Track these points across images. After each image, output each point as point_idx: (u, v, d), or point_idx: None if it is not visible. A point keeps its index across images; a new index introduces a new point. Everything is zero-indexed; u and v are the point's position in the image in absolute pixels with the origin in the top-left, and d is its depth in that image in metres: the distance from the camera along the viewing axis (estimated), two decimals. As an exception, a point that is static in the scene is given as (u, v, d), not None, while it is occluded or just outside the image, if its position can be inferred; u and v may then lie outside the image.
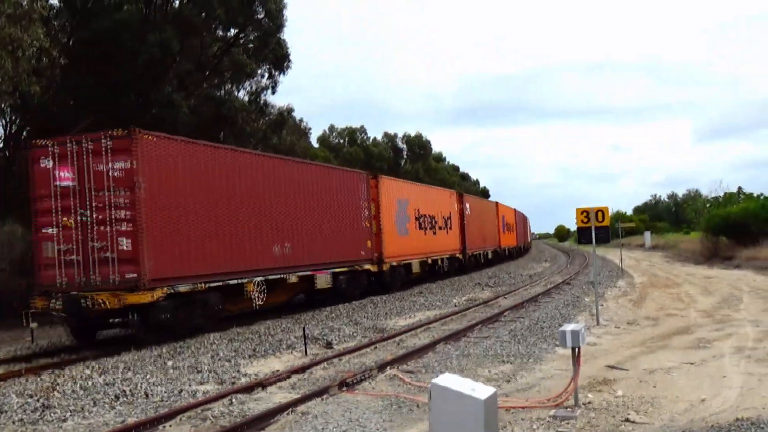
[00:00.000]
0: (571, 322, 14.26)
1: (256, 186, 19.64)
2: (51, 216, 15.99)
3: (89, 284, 15.62)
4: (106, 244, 15.55)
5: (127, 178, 15.49)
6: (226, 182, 18.32)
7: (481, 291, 28.45)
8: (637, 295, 24.22)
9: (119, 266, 15.50)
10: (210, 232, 17.58)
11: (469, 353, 13.25)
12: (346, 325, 18.38)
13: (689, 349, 13.10)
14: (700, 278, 30.68)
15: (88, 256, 15.67)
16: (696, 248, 49.88)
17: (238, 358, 14.02)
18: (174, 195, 16.52)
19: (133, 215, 15.47)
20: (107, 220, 15.55)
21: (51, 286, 15.99)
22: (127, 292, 15.29)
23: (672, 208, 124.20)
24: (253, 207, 19.41)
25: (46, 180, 16.06)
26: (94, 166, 15.63)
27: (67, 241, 15.82)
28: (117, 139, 15.56)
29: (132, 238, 15.46)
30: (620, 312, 19.39)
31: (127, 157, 15.48)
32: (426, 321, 18.62)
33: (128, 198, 15.49)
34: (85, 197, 15.70)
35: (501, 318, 18.58)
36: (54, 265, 15.92)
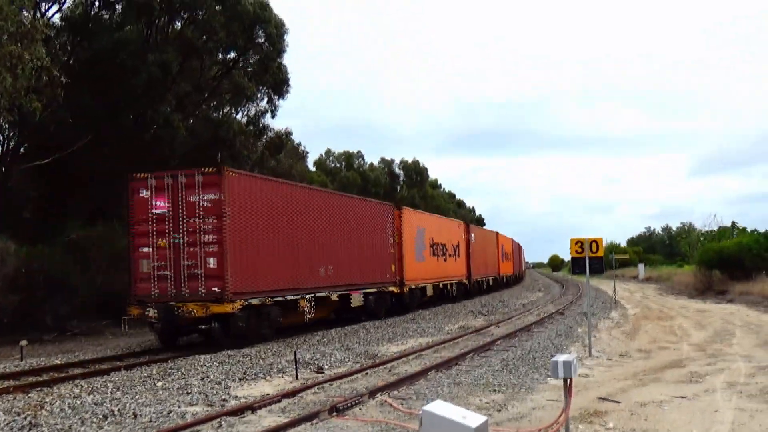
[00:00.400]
0: (563, 353, 14.22)
1: (309, 215, 22.71)
2: (147, 238, 18.71)
3: (180, 296, 18.27)
4: (196, 263, 18.30)
5: (215, 208, 18.31)
6: (285, 212, 21.29)
7: (474, 319, 28.38)
8: (630, 327, 24.18)
9: (206, 281, 18.22)
10: (274, 254, 20.50)
11: (460, 381, 13.19)
12: (337, 350, 18.30)
13: (681, 382, 13.06)
14: (693, 312, 30.66)
15: (179, 272, 18.38)
16: (689, 281, 49.94)
17: (229, 380, 13.94)
18: (250, 222, 19.42)
19: (219, 239, 18.25)
20: (197, 242, 18.32)
21: (146, 297, 18.58)
22: (213, 303, 18.03)
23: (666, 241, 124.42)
24: (306, 233, 22.39)
25: (144, 207, 18.86)
26: (186, 197, 18.47)
27: (161, 259, 18.53)
28: (207, 175, 18.46)
29: (218, 258, 18.23)
30: (613, 344, 19.34)
31: (216, 190, 18.33)
32: (418, 348, 18.55)
33: (216, 224, 18.30)
34: (178, 223, 18.47)
35: (493, 347, 18.52)
36: (149, 279, 18.63)
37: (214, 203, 18.33)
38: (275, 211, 20.73)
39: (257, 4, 31.50)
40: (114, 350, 19.46)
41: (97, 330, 24.87)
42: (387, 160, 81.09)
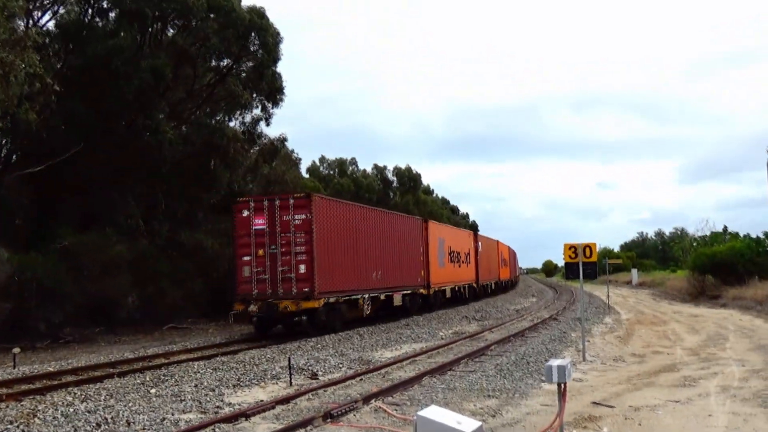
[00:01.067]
0: (557, 358, 14.21)
1: (366, 229, 27.33)
2: (248, 248, 23.12)
3: (276, 295, 22.78)
4: (289, 269, 22.78)
5: (305, 225, 22.86)
6: (351, 227, 26.04)
7: (468, 324, 28.36)
8: (623, 331, 24.19)
9: (297, 283, 22.72)
10: (344, 261, 25.09)
11: (454, 387, 13.17)
12: (331, 356, 18.26)
13: (675, 387, 13.07)
14: (686, 316, 30.70)
15: (275, 276, 22.88)
16: (682, 286, 50.04)
17: (222, 387, 13.88)
18: (329, 236, 23.98)
19: (308, 249, 22.74)
20: (290, 252, 22.85)
21: (247, 296, 22.95)
22: (303, 300, 22.48)
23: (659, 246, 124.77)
24: (364, 244, 27.02)
25: (246, 225, 23.27)
26: (281, 216, 23.00)
27: (260, 266, 22.95)
28: (298, 199, 23.19)
29: (307, 265, 22.72)
30: (606, 348, 19.35)
31: (305, 211, 22.90)
32: (412, 353, 18.52)
33: (305, 238, 22.80)
34: (274, 236, 23.00)
35: (487, 352, 18.50)
36: (250, 281, 23.02)
37: (303, 221, 22.96)
38: (345, 227, 25.51)
39: (254, 12, 31.54)
40: (107, 357, 19.37)
41: (89, 337, 24.78)
42: (380, 167, 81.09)
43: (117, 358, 19.19)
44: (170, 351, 20.33)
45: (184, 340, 24.70)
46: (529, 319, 29.80)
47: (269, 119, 35.46)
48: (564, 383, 8.99)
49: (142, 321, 27.81)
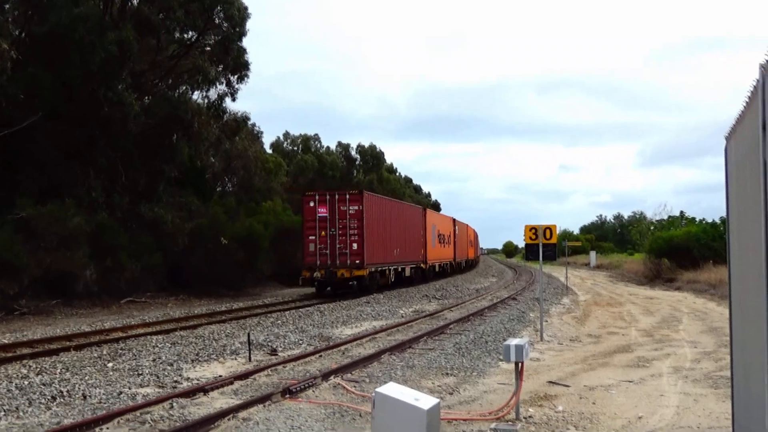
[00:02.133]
0: (515, 337, 14.37)
1: (390, 216, 35.45)
2: (314, 231, 30.80)
3: (334, 265, 30.48)
4: (344, 246, 30.60)
5: (357, 214, 30.74)
6: (384, 215, 34.26)
7: (428, 303, 28.53)
8: (580, 312, 24.54)
9: (351, 257, 30.61)
10: (380, 241, 33.14)
11: (413, 364, 13.26)
12: (291, 333, 18.26)
13: (629, 367, 13.31)
14: (642, 298, 31.23)
15: (334, 251, 30.64)
16: (639, 269, 50.88)
17: (181, 362, 13.81)
18: (373, 223, 31.96)
19: (360, 233, 30.63)
20: (345, 234, 30.66)
21: (312, 265, 30.55)
22: (355, 269, 30.41)
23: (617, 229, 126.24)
24: (390, 228, 35.02)
25: (312, 213, 30.95)
26: (339, 206, 30.77)
27: (322, 243, 30.69)
28: (353, 194, 31.26)
29: (358, 243, 30.60)
30: (564, 329, 19.62)
31: (358, 204, 30.83)
32: (372, 331, 18.59)
33: (357, 224, 30.70)
34: (334, 222, 30.74)
35: (446, 330, 18.64)
36: (314, 254, 30.68)
37: (356, 211, 30.85)
38: (381, 216, 33.68)
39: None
40: (64, 330, 19.13)
41: (46, 310, 24.43)
42: (344, 144, 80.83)
43: (74, 331, 18.96)
44: (128, 325, 20.16)
45: (142, 314, 24.50)
46: (488, 299, 30.07)
47: (234, 95, 35.00)
48: (521, 362, 9.10)
49: (99, 294, 27.48)
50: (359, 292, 31.01)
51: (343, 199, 30.95)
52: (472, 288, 38.97)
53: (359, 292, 30.95)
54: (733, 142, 6.03)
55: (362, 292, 31.04)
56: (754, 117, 4.60)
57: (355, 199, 31.03)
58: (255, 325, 20.41)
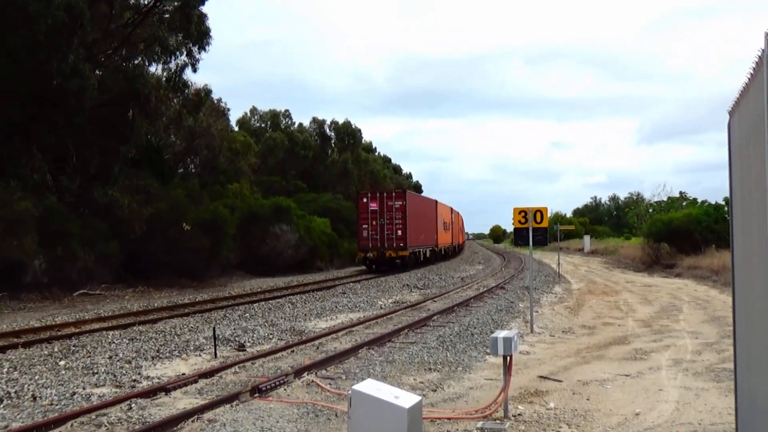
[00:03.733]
0: (503, 329, 14.45)
1: (421, 209, 48.38)
2: (366, 221, 43.16)
3: (383, 247, 42.58)
4: (391, 233, 42.63)
5: (401, 209, 43.00)
6: (418, 208, 46.75)
7: (410, 293, 28.62)
8: (573, 302, 24.72)
9: (396, 241, 42.75)
10: (416, 229, 45.12)
11: (393, 359, 13.31)
12: (261, 326, 18.25)
13: (625, 360, 13.44)
14: (639, 286, 31.51)
15: (383, 237, 42.81)
16: (636, 255, 51.29)
17: (140, 359, 13.77)
18: (412, 215, 43.67)
19: (403, 223, 42.71)
20: (392, 224, 42.71)
21: (365, 248, 42.94)
22: (399, 251, 42.50)
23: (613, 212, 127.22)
24: (420, 217, 47.79)
25: (365, 207, 43.41)
26: (387, 202, 42.92)
27: (373, 231, 42.94)
28: (398, 193, 44.78)
29: (402, 231, 42.64)
30: (556, 319, 19.76)
31: (402, 200, 43.37)
32: (348, 324, 18.62)
33: (401, 216, 42.88)
34: (382, 214, 42.89)
35: (429, 323, 18.72)
36: (367, 239, 43.08)
37: (401, 206, 43.34)
38: (416, 209, 46.71)
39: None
40: (10, 326, 18.99)
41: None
42: (318, 120, 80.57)
43: (22, 326, 18.81)
44: (81, 319, 20.03)
45: (97, 307, 24.36)
46: (474, 288, 30.21)
47: (196, 65, 34.69)
48: (510, 356, 9.15)
49: (50, 286, 27.28)
50: (402, 267, 43.56)
51: (390, 197, 44.32)
52: (457, 276, 39.12)
53: (402, 268, 43.49)
54: (737, 116, 6.05)
55: (404, 268, 43.74)
56: (758, 90, 4.63)
57: (400, 197, 44.52)
58: (221, 318, 20.36)
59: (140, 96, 31.67)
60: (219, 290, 31.12)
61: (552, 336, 16.73)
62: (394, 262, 43.20)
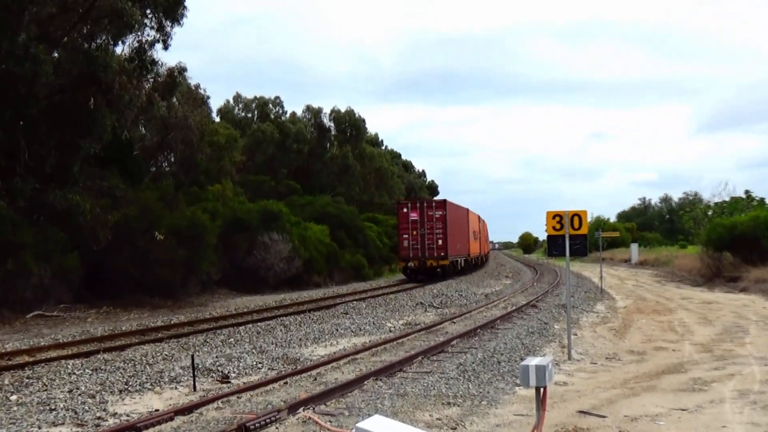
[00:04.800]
0: (535, 356, 14.42)
1: (459, 219, 57.73)
2: (407, 230, 51.05)
3: (424, 256, 50.69)
4: (432, 243, 50.83)
5: (441, 218, 51.27)
6: (457, 219, 56.67)
7: (424, 313, 28.60)
8: (619, 322, 24.66)
9: (437, 250, 50.88)
10: (453, 238, 53.65)
11: (405, 392, 13.29)
12: (248, 353, 18.26)
13: (682, 391, 13.39)
14: (697, 303, 31.41)
15: (424, 246, 50.83)
16: (694, 266, 51.09)
17: (105, 392, 13.79)
18: (451, 225, 52.79)
19: (443, 232, 51.07)
20: (432, 233, 50.96)
21: (406, 257, 50.95)
22: (440, 260, 50.91)
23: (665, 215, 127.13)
24: (457, 228, 55.89)
25: (405, 217, 51.46)
26: (427, 212, 51.35)
27: (414, 240, 50.94)
28: (438, 203, 53.55)
29: (442, 240, 50.93)
30: (598, 343, 19.71)
31: (442, 210, 51.84)
32: (352, 350, 18.61)
33: (441, 226, 51.09)
34: (423, 224, 50.98)
35: (448, 348, 18.68)
36: (408, 249, 51.04)
37: (441, 216, 50.74)
38: (454, 218, 54.02)
39: None
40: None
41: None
42: (314, 109, 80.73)
43: (-35, 355, 18.89)
44: (36, 346, 20.08)
45: (54, 331, 24.42)
46: (501, 307, 30.17)
47: (167, 41, 34.69)
48: (543, 387, 9.14)
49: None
50: (443, 276, 50.99)
51: (430, 206, 52.27)
52: (480, 293, 39.08)
53: (443, 276, 50.94)
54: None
55: (444, 277, 51.21)
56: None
57: (440, 206, 52.22)
58: (201, 344, 20.38)
59: (103, 81, 31.70)
60: (198, 311, 31.17)
61: (593, 363, 16.69)
62: (435, 271, 50.94)
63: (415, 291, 39.82)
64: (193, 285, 36.57)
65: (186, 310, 31.80)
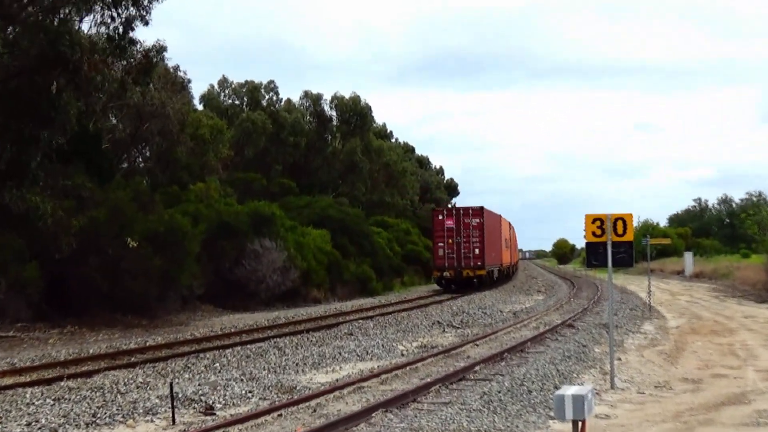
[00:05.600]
0: (572, 384, 14.40)
1: (493, 227, 64.06)
2: (442, 239, 57.74)
3: (460, 266, 57.00)
4: (468, 251, 57.24)
5: (478, 226, 57.81)
6: (493, 226, 64.29)
7: (441, 334, 28.58)
8: (671, 345, 24.61)
9: (474, 260, 57.29)
10: (490, 247, 60.51)
11: (420, 426, 13.28)
12: (236, 381, 18.25)
13: (745, 426, 13.36)
14: (763, 323, 31.33)
15: (460, 255, 57.15)
16: (758, 278, 51.01)
17: (70, 426, 13.80)
18: (488, 233, 59.67)
19: (480, 240, 57.62)
20: (469, 242, 57.41)
21: (441, 267, 57.48)
22: (477, 270, 57.27)
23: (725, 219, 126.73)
24: (492, 237, 62.10)
25: (441, 225, 58.03)
26: (463, 219, 57.84)
27: (450, 249, 57.36)
28: (475, 210, 58.74)
29: (479, 249, 57.49)
30: (646, 370, 19.67)
31: (479, 217, 58.21)
32: (357, 377, 18.59)
33: (479, 234, 57.69)
34: (459, 232, 57.45)
35: (469, 375, 18.66)
36: (443, 258, 57.41)
37: (477, 224, 57.20)
38: (490, 226, 60.68)
39: None
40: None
41: None
42: (313, 95, 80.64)
43: None
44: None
45: (9, 355, 24.46)
46: (532, 327, 30.13)
47: (146, 16, 34.64)
48: (582, 421, 9.13)
49: (-55, 326, 27.45)
50: (478, 287, 56.05)
51: (467, 214, 57.79)
52: (508, 310, 39.03)
53: (479, 287, 56.07)
54: None
55: (481, 287, 56.35)
56: None
57: (477, 214, 57.72)
58: (181, 370, 20.38)
59: (68, 61, 31.66)
60: (178, 331, 31.20)
61: (641, 393, 16.65)
62: (471, 282, 56.55)
63: (432, 308, 39.80)
64: (172, 300, 36.56)
65: (164, 329, 31.81)
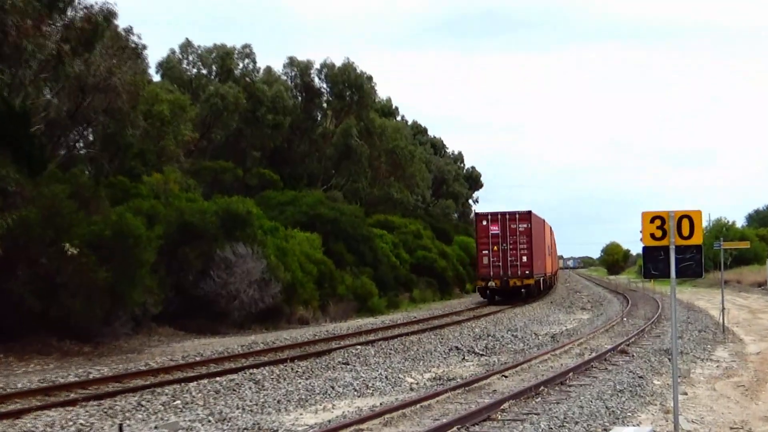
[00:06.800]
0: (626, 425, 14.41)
1: (539, 233, 75.16)
2: (487, 246, 67.67)
3: (506, 275, 66.86)
4: (515, 259, 67.21)
5: (526, 231, 67.93)
6: (540, 232, 76.61)
7: (461, 362, 28.58)
8: (750, 376, 24.62)
9: (521, 268, 67.20)
10: (538, 254, 71.78)
11: (434, 480, 13.29)
12: (202, 422, 18.28)
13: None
14: None
15: (506, 264, 66.97)
16: None
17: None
18: (537, 239, 71.04)
19: (528, 247, 67.67)
20: (516, 248, 67.31)
21: (486, 276, 67.55)
22: (525, 279, 67.44)
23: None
24: (539, 243, 73.19)
25: (485, 231, 68.21)
26: (509, 225, 67.61)
27: (495, 257, 67.20)
28: (521, 214, 68.50)
29: (527, 256, 67.62)
30: (719, 407, 19.68)
31: (526, 222, 68.13)
32: (354, 417, 18.58)
33: (526, 240, 67.70)
34: (505, 238, 67.25)
35: (496, 414, 18.68)
36: (488, 266, 67.33)
37: (525, 229, 67.07)
38: (538, 232, 72.30)
39: None
40: None
41: None
42: (300, 63, 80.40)
43: None
44: None
45: None
46: (575, 353, 30.17)
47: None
48: (638, 472, 9.12)
49: None
50: (526, 297, 64.70)
51: (513, 219, 65.34)
52: (544, 332, 39.04)
53: (527, 298, 64.78)
54: None
55: (528, 298, 65.03)
56: None
57: (524, 218, 65.49)
58: (133, 409, 20.41)
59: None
60: (129, 360, 31.22)
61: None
62: (519, 292, 65.32)
63: (448, 330, 39.87)
64: (121, 322, 36.46)
65: (111, 358, 31.82)
